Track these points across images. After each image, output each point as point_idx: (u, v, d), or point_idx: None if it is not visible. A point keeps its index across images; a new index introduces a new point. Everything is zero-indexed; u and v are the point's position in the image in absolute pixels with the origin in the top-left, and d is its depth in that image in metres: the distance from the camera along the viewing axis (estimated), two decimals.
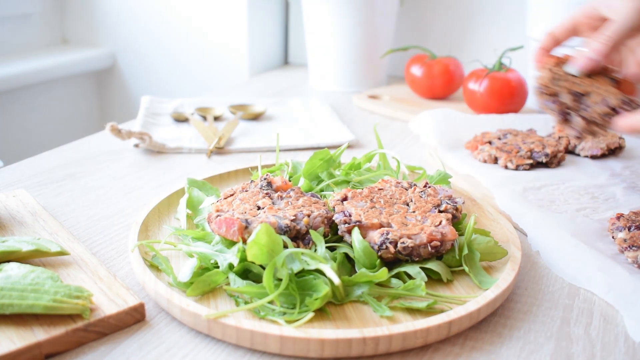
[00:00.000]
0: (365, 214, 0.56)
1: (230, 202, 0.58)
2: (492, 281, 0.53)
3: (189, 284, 0.51)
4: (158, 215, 0.64)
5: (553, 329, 0.51)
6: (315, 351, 0.45)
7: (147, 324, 0.49)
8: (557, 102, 0.63)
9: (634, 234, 0.60)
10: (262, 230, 0.49)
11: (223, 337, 0.47)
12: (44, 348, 0.44)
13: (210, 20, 1.44)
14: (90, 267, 0.53)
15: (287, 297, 0.49)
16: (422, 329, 0.46)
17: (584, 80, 0.65)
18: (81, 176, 0.78)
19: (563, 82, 0.65)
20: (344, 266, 0.55)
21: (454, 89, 1.19)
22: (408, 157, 0.90)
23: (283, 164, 0.72)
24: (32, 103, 1.47)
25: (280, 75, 1.46)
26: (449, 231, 0.54)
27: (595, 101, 0.62)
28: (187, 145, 0.90)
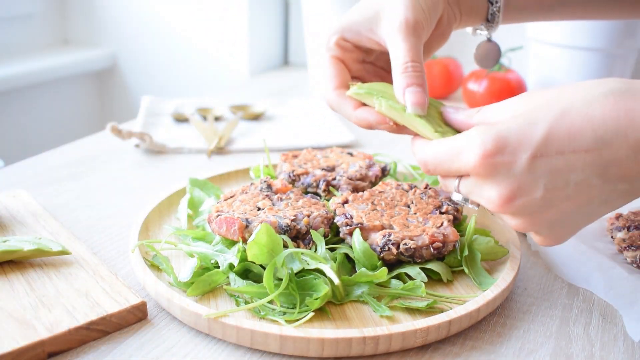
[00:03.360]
0: (366, 216, 0.56)
1: (230, 203, 0.58)
2: (491, 281, 0.53)
3: (189, 283, 0.51)
4: (158, 215, 0.64)
5: (552, 328, 0.51)
6: (315, 351, 0.45)
7: (147, 323, 0.49)
8: None
9: (632, 233, 0.60)
10: (262, 230, 0.50)
11: (223, 337, 0.47)
12: (46, 346, 0.44)
13: (210, 21, 1.44)
14: (91, 266, 0.53)
15: (287, 297, 0.49)
16: (422, 329, 0.46)
17: None
18: (82, 176, 0.79)
19: None
20: (344, 266, 0.55)
21: (454, 89, 1.19)
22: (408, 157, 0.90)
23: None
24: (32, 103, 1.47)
25: (280, 76, 1.46)
26: (450, 232, 0.54)
27: None
28: (187, 146, 0.90)
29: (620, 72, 1.05)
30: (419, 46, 0.54)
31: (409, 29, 0.54)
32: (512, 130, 0.42)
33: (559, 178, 0.42)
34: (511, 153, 0.42)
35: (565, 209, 0.43)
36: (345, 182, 0.64)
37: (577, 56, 1.03)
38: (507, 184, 0.42)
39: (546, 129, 0.41)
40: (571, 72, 1.05)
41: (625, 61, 1.05)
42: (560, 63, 1.06)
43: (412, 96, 0.52)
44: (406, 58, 0.53)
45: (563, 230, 0.45)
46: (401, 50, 0.54)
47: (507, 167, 0.42)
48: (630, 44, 1.02)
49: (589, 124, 0.41)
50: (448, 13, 0.60)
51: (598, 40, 1.00)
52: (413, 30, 0.54)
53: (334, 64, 0.59)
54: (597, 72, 1.04)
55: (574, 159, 0.41)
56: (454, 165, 0.45)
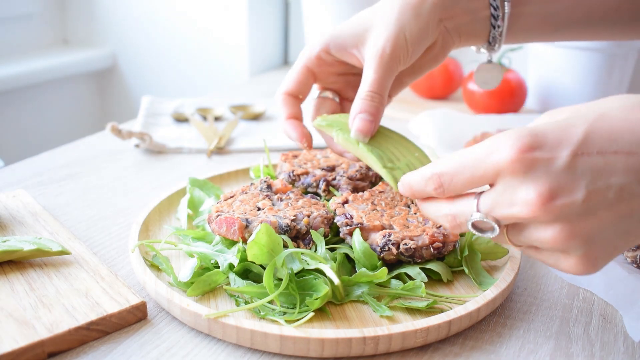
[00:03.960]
0: (366, 216, 0.56)
1: (230, 203, 0.58)
2: (491, 281, 0.53)
3: (189, 283, 0.51)
4: (158, 215, 0.64)
5: (552, 328, 0.51)
6: (315, 351, 0.45)
7: (147, 323, 0.49)
8: None
9: None
10: (262, 230, 0.50)
11: (223, 337, 0.47)
12: (46, 346, 0.44)
13: (210, 21, 1.44)
14: (91, 266, 0.53)
15: (287, 297, 0.49)
16: (422, 329, 0.46)
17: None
18: (82, 176, 0.79)
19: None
20: (344, 266, 0.55)
21: (454, 89, 1.19)
22: None
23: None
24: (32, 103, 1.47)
25: (280, 75, 1.46)
26: (450, 232, 0.54)
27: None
28: (187, 146, 0.90)
29: (620, 72, 1.05)
30: (387, 78, 0.56)
31: (383, 61, 0.55)
32: (550, 128, 0.40)
33: (600, 179, 0.39)
34: (550, 149, 0.39)
35: (605, 219, 0.39)
36: (345, 182, 0.64)
37: (577, 56, 1.03)
38: (546, 182, 0.38)
39: (586, 128, 0.39)
40: (571, 72, 1.05)
41: (625, 61, 1.04)
42: (560, 63, 1.06)
43: (359, 122, 0.55)
44: (370, 87, 0.55)
45: (600, 250, 0.40)
46: (369, 78, 0.55)
47: (546, 164, 0.39)
48: (630, 44, 1.02)
49: (629, 126, 0.39)
50: (444, 38, 0.60)
51: None
52: (386, 63, 0.55)
53: (302, 73, 0.61)
54: (597, 72, 1.04)
55: (615, 160, 0.39)
56: (480, 169, 0.41)
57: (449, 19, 0.58)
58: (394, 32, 0.55)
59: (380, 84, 0.55)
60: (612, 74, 1.04)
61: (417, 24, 0.56)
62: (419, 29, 0.56)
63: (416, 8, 0.56)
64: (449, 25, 0.59)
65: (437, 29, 0.58)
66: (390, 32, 0.55)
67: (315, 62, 0.60)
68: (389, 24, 0.56)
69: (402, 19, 0.56)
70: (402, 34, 0.55)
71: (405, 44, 0.56)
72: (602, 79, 1.04)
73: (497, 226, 0.41)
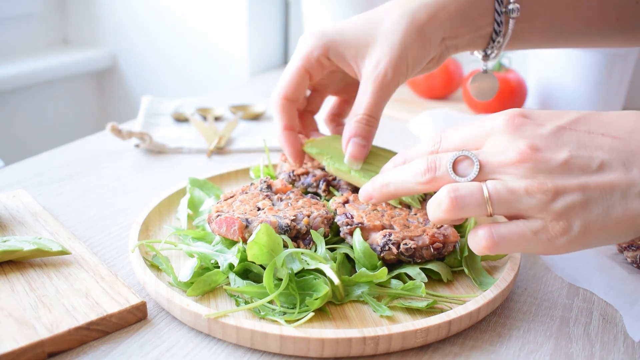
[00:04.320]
0: (367, 216, 0.56)
1: (230, 203, 0.58)
2: (491, 281, 0.53)
3: (189, 283, 0.51)
4: (158, 215, 0.64)
5: (552, 328, 0.51)
6: (315, 351, 0.45)
7: (147, 323, 0.49)
8: None
9: None
10: (262, 230, 0.50)
11: (223, 337, 0.47)
12: (46, 346, 0.44)
13: (210, 21, 1.44)
14: (91, 266, 0.53)
15: (287, 297, 0.49)
16: (422, 329, 0.46)
17: None
18: (81, 176, 0.79)
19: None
20: (344, 266, 0.55)
21: (454, 89, 1.19)
22: None
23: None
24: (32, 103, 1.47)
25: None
26: (451, 233, 0.54)
27: None
28: (187, 146, 0.90)
29: (620, 72, 1.05)
30: (384, 102, 0.56)
31: (383, 85, 0.54)
32: (542, 112, 0.44)
33: (584, 150, 0.41)
34: (541, 120, 0.43)
35: (588, 188, 0.40)
36: (345, 182, 0.64)
37: (577, 56, 1.03)
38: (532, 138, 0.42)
39: (578, 114, 0.43)
40: (571, 72, 1.05)
41: (625, 61, 1.04)
42: (560, 63, 1.06)
43: (353, 148, 0.56)
44: (366, 110, 0.55)
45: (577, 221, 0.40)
46: (365, 101, 0.55)
47: (533, 127, 0.42)
48: None
49: (620, 118, 0.42)
50: (442, 54, 0.59)
51: None
52: (387, 87, 0.55)
53: (300, 76, 0.60)
54: (597, 72, 1.04)
55: (601, 140, 0.41)
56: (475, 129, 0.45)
57: (452, 38, 0.58)
58: (397, 56, 0.54)
59: (377, 108, 0.55)
60: (612, 74, 1.04)
61: (421, 46, 0.55)
62: (422, 52, 0.56)
63: (422, 29, 0.55)
64: (450, 43, 0.58)
65: (439, 47, 0.58)
66: (394, 55, 0.54)
67: (315, 64, 0.59)
68: (393, 45, 0.55)
69: (407, 41, 0.55)
70: (405, 58, 0.55)
71: (407, 68, 0.55)
72: (602, 79, 1.04)
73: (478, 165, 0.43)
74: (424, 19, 0.56)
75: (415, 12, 0.56)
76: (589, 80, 1.05)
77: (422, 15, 0.56)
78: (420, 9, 0.56)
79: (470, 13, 0.57)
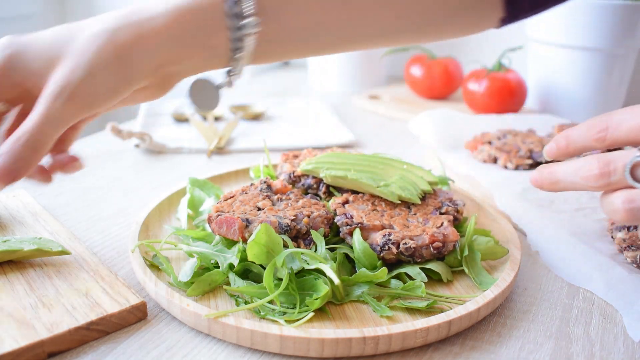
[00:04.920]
0: (367, 216, 0.56)
1: (230, 203, 0.58)
2: (491, 281, 0.53)
3: (189, 283, 0.51)
4: (158, 215, 0.64)
5: (552, 328, 0.51)
6: (315, 351, 0.45)
7: (147, 323, 0.49)
8: None
9: (633, 233, 0.60)
10: (262, 230, 0.50)
11: (223, 337, 0.47)
12: (46, 346, 0.44)
13: None
14: (91, 266, 0.53)
15: (287, 297, 0.49)
16: (422, 329, 0.46)
17: None
18: (81, 176, 0.79)
19: None
20: (344, 266, 0.55)
21: (454, 89, 1.19)
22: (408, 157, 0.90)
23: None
24: None
25: (280, 75, 1.46)
26: (450, 232, 0.54)
27: None
28: (187, 146, 0.90)
29: (620, 72, 1.05)
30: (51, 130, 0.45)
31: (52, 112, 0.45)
32: None
33: None
34: None
35: None
36: None
37: (577, 56, 1.03)
38: None
39: None
40: (571, 72, 1.05)
41: (625, 61, 1.05)
42: (560, 63, 1.06)
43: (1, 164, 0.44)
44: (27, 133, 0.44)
45: None
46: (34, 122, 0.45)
47: None
48: (630, 44, 1.02)
49: None
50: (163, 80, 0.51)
51: (598, 40, 1.00)
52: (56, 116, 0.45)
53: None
54: (597, 72, 1.04)
55: None
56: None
57: (174, 63, 0.49)
58: (78, 82, 0.45)
59: (43, 135, 0.44)
60: (612, 74, 1.04)
61: (117, 73, 0.46)
62: (119, 80, 0.46)
63: (121, 53, 0.46)
64: (173, 69, 0.50)
65: (154, 75, 0.49)
66: (74, 79, 0.45)
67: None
68: (77, 68, 0.45)
69: (97, 65, 0.45)
70: (90, 85, 0.45)
71: (94, 97, 0.46)
72: (602, 79, 1.04)
73: None
74: (125, 40, 0.46)
75: (116, 32, 0.46)
76: (589, 80, 1.05)
77: (123, 36, 0.46)
78: (122, 29, 0.46)
79: (194, 33, 0.48)
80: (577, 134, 0.44)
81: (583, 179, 0.42)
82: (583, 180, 0.42)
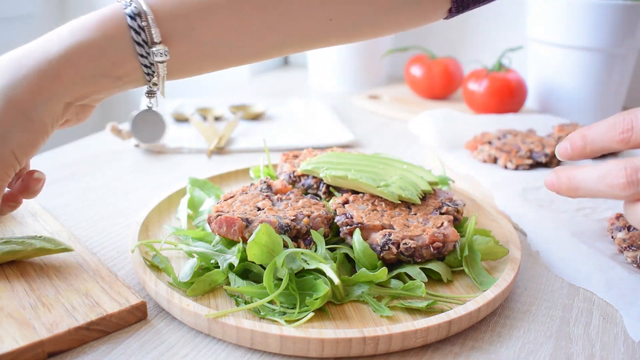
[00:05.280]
0: (367, 216, 0.56)
1: (230, 203, 0.58)
2: (491, 281, 0.53)
3: (189, 283, 0.51)
4: (158, 215, 0.64)
5: (552, 328, 0.51)
6: (315, 351, 0.45)
7: (147, 323, 0.49)
8: None
9: (633, 233, 0.60)
10: (262, 230, 0.50)
11: (223, 337, 0.47)
12: (46, 346, 0.44)
13: None
14: (91, 266, 0.53)
15: (287, 297, 0.49)
16: (422, 329, 0.46)
17: None
18: (81, 176, 0.79)
19: None
20: (344, 266, 0.55)
21: (454, 89, 1.19)
22: (408, 157, 0.90)
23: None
24: None
25: (280, 75, 1.46)
26: (450, 232, 0.54)
27: None
28: (187, 146, 0.90)
29: (620, 72, 1.05)
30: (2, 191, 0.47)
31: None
32: None
33: None
34: None
35: None
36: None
37: (577, 56, 1.03)
38: None
39: None
40: (571, 72, 1.05)
41: (625, 61, 1.04)
42: (560, 63, 1.06)
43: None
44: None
45: None
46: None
47: None
48: (630, 44, 1.02)
49: None
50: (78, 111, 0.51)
51: (598, 40, 1.00)
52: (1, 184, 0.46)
53: None
54: (597, 72, 1.04)
55: None
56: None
57: (84, 97, 0.48)
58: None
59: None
60: (612, 74, 1.04)
61: (29, 129, 0.45)
62: (33, 135, 0.45)
63: (24, 110, 0.45)
64: (86, 101, 0.49)
65: (64, 115, 0.48)
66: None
67: None
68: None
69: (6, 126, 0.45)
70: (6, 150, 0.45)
71: (14, 157, 0.46)
72: (602, 79, 1.04)
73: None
74: (24, 96, 0.45)
75: (12, 89, 0.45)
76: (589, 80, 1.05)
77: (21, 92, 0.45)
78: (18, 83, 0.45)
79: (98, 69, 0.47)
80: (596, 133, 0.41)
81: (608, 187, 0.39)
82: (608, 188, 0.39)
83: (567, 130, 0.89)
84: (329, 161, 0.63)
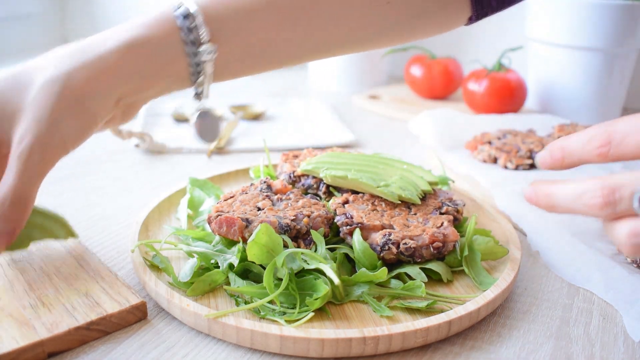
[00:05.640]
0: (367, 216, 0.56)
1: (230, 203, 0.58)
2: (491, 281, 0.53)
3: (189, 283, 0.51)
4: (158, 215, 0.64)
5: (552, 328, 0.51)
6: (315, 351, 0.45)
7: (147, 323, 0.49)
8: None
9: None
10: (262, 230, 0.50)
11: (223, 337, 0.47)
12: (46, 346, 0.44)
13: None
14: (91, 266, 0.53)
15: (287, 297, 0.49)
16: (422, 329, 0.46)
17: None
18: (81, 176, 0.79)
19: None
20: (344, 266, 0.55)
21: (454, 89, 1.19)
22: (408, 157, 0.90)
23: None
24: None
25: (280, 75, 1.46)
26: (450, 232, 0.54)
27: None
28: (187, 146, 0.90)
29: (620, 72, 1.05)
30: (34, 183, 0.46)
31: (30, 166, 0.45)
32: None
33: None
34: None
35: None
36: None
37: (577, 56, 1.03)
38: None
39: None
40: (571, 72, 1.05)
41: (625, 61, 1.04)
42: (560, 63, 1.06)
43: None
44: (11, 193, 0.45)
45: None
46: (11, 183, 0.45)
47: None
48: (630, 44, 1.02)
49: None
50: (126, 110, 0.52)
51: (598, 40, 1.00)
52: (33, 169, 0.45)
53: None
54: (597, 72, 1.04)
55: None
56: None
57: (134, 94, 0.49)
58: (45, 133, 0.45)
59: (25, 189, 0.46)
60: (612, 74, 1.04)
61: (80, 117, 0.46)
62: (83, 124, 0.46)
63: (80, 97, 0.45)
64: (134, 98, 0.50)
65: (115, 109, 0.49)
66: (41, 131, 0.44)
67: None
68: (40, 120, 0.44)
69: (59, 114, 0.45)
70: (56, 134, 0.45)
71: (63, 144, 0.46)
72: (602, 79, 1.04)
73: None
74: (81, 84, 0.45)
75: (70, 76, 0.45)
76: (589, 80, 1.05)
77: (78, 80, 0.45)
78: (76, 72, 0.46)
79: (150, 65, 0.48)
80: (575, 146, 0.41)
81: (585, 207, 0.38)
82: (585, 208, 0.38)
83: (567, 130, 0.89)
84: (329, 161, 0.63)
